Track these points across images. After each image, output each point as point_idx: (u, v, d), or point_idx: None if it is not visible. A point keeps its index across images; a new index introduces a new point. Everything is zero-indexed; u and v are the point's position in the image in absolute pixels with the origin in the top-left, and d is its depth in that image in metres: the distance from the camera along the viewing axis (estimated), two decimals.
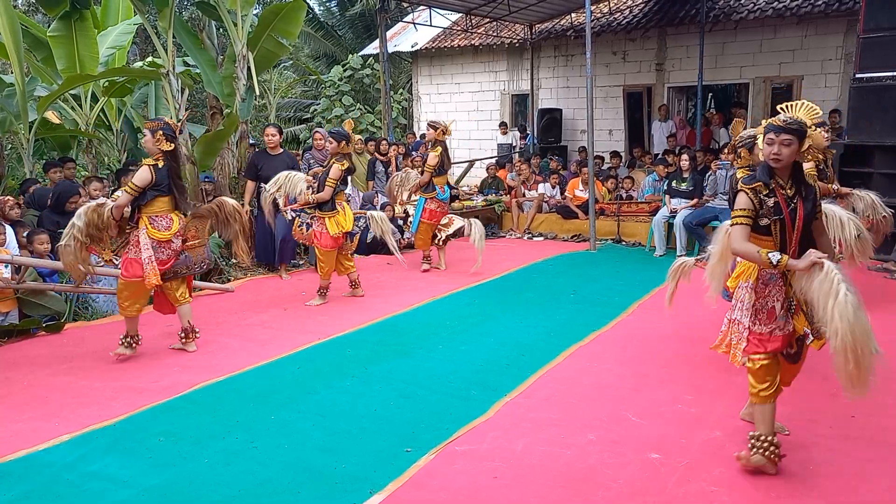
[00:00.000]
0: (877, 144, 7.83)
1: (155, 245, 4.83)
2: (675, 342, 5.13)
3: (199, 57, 8.32)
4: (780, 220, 3.07)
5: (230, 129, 7.83)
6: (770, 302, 3.18)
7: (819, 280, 2.87)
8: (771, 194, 3.08)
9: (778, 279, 3.15)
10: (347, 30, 22.42)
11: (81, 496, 3.16)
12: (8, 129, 8.24)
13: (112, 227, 4.90)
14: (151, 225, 4.84)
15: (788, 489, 3.11)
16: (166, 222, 4.89)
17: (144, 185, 4.76)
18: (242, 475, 3.31)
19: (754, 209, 3.08)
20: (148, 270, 4.79)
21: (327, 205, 6.24)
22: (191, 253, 5.07)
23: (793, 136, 3.01)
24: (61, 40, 8.07)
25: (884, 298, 6.26)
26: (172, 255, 4.93)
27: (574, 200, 10.30)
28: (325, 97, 18.13)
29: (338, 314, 6.09)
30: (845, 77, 10.89)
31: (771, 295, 3.17)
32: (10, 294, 5.59)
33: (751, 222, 3.09)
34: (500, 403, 4.07)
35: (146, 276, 4.80)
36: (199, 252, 5.14)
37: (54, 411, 4.10)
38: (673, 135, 11.95)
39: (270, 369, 4.75)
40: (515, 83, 14.72)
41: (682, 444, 3.52)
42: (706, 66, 11.67)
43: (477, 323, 5.76)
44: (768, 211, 3.07)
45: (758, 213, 3.08)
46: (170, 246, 4.89)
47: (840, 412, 3.84)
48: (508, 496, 3.09)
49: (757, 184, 3.11)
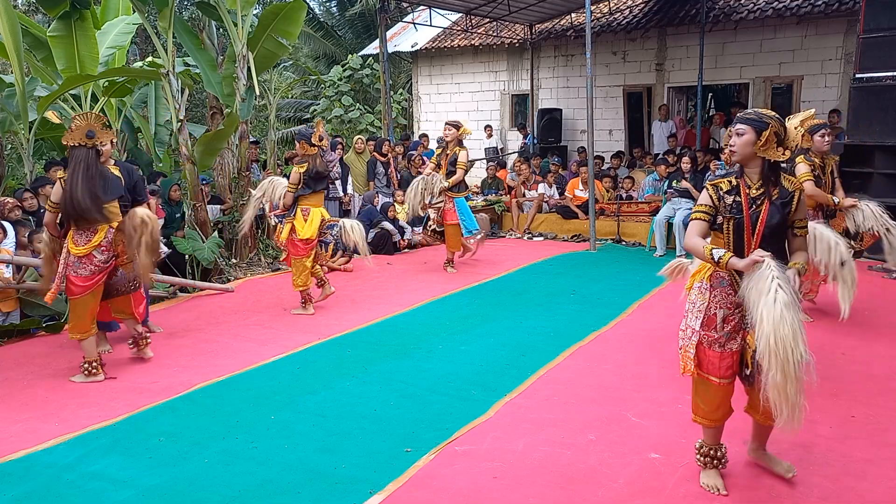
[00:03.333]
0: (877, 144, 7.83)
1: (75, 260, 4.49)
2: (675, 342, 5.08)
3: (199, 57, 8.32)
4: (735, 220, 2.90)
5: (230, 129, 7.83)
6: (713, 308, 2.99)
7: (756, 277, 2.73)
8: (733, 192, 2.93)
9: (727, 285, 2.96)
10: (347, 30, 22.42)
11: (81, 496, 3.16)
12: (8, 129, 8.23)
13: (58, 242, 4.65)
14: (72, 239, 4.51)
15: (788, 489, 3.11)
16: (87, 236, 4.50)
17: (59, 201, 4.46)
18: (242, 475, 3.31)
19: (713, 206, 2.94)
20: (54, 285, 4.54)
21: (290, 209, 6.07)
22: (124, 270, 4.71)
23: (746, 126, 2.88)
24: (61, 40, 8.06)
25: (884, 299, 6.27)
26: (98, 271, 4.54)
27: (574, 200, 10.30)
28: (324, 97, 18.12)
29: (338, 314, 6.09)
30: (845, 77, 10.89)
31: (714, 300, 2.99)
32: (12, 294, 5.59)
33: (707, 218, 2.95)
34: (500, 404, 4.07)
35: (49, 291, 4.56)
36: (129, 269, 4.72)
37: (54, 411, 4.10)
38: (673, 135, 11.95)
39: (270, 369, 4.75)
40: (515, 83, 14.72)
41: (682, 444, 3.52)
42: (706, 66, 11.68)
43: (477, 323, 5.76)
44: (725, 208, 2.92)
45: (717, 211, 2.95)
46: (91, 261, 4.50)
47: (840, 412, 3.84)
48: (508, 496, 3.09)
49: (720, 180, 2.99)
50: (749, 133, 2.88)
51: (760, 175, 2.92)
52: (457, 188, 7.59)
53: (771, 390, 2.69)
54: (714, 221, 2.97)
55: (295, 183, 5.98)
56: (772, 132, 2.85)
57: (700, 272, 3.09)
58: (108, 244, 4.59)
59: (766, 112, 2.93)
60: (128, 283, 4.76)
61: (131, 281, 4.77)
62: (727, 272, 2.93)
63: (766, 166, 2.91)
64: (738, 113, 3.59)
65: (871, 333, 5.25)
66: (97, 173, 4.45)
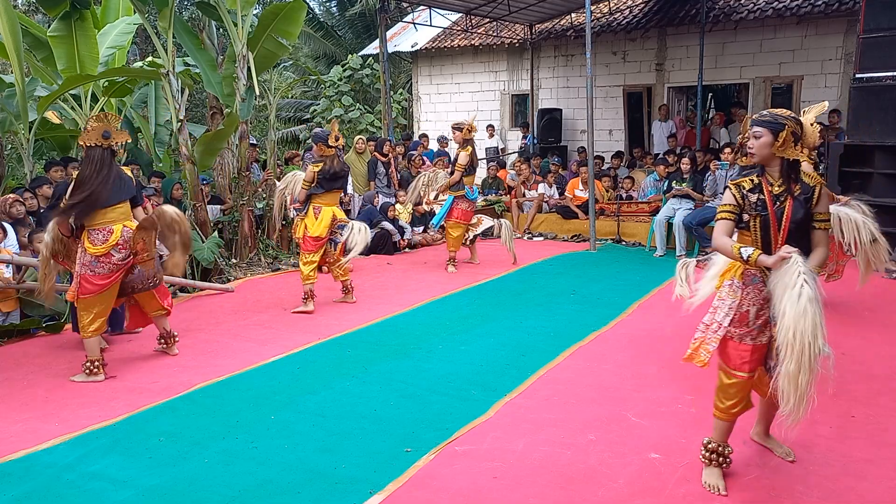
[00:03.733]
0: (877, 144, 7.82)
1: (91, 260, 4.52)
2: (675, 342, 5.11)
3: (199, 57, 8.32)
4: (761, 217, 2.97)
5: (230, 129, 7.83)
6: (746, 305, 3.05)
7: (781, 273, 2.80)
8: (756, 190, 3.00)
9: (759, 282, 3.02)
10: (347, 30, 22.42)
11: (81, 496, 3.16)
12: (8, 129, 8.23)
13: (70, 241, 4.70)
14: (88, 239, 4.54)
15: (788, 489, 3.11)
16: (104, 235, 4.54)
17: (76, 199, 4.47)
18: (242, 475, 3.31)
19: (738, 205, 3.02)
20: (72, 286, 4.59)
21: (303, 206, 6.22)
22: (143, 267, 4.73)
23: (762, 129, 2.95)
24: (61, 40, 8.06)
25: (884, 299, 6.26)
26: (116, 269, 4.58)
27: (574, 200, 10.30)
28: (324, 97, 18.12)
29: (338, 314, 6.09)
30: (845, 77, 10.90)
31: (747, 298, 3.05)
32: (13, 294, 5.59)
33: (733, 217, 3.03)
34: (500, 404, 4.07)
35: (70, 289, 4.61)
36: (150, 266, 4.76)
37: (54, 411, 4.10)
38: (673, 135, 11.95)
39: (270, 369, 4.75)
40: (515, 83, 14.71)
41: (682, 444, 3.52)
42: (706, 66, 11.68)
43: (477, 323, 5.76)
44: (750, 206, 2.99)
45: (742, 210, 3.03)
46: (109, 259, 4.54)
47: (840, 412, 3.84)
48: (508, 496, 3.09)
49: (742, 179, 3.06)
50: (766, 135, 2.95)
51: (781, 173, 2.99)
52: (457, 187, 7.71)
53: (782, 379, 2.75)
54: (740, 220, 3.05)
55: (309, 181, 6.11)
56: (788, 132, 2.92)
57: (730, 270, 3.16)
58: (125, 242, 4.63)
59: (782, 112, 2.99)
60: (146, 280, 4.81)
61: (150, 278, 4.83)
62: (757, 269, 3.00)
63: (786, 165, 2.98)
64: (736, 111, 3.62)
65: (872, 333, 5.25)
66: (113, 173, 4.57)
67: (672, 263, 4.27)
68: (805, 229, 3.00)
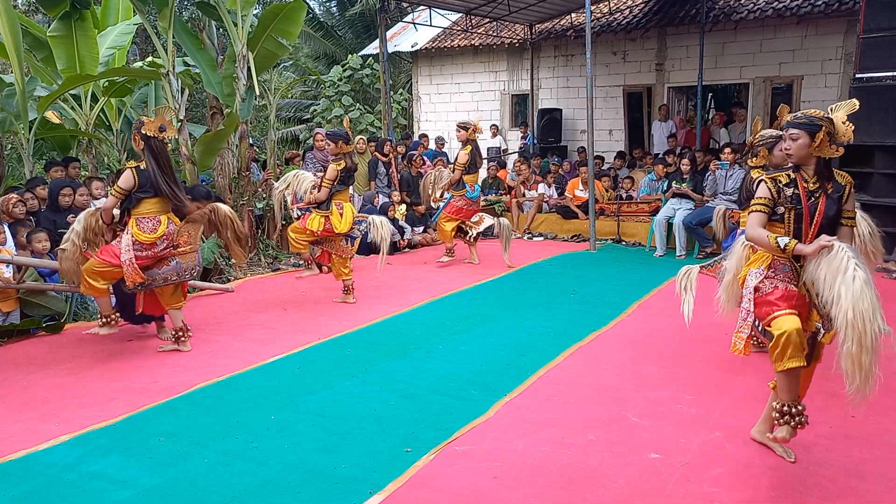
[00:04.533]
0: (877, 144, 7.83)
1: (139, 245, 4.80)
2: (675, 342, 5.13)
3: (199, 57, 8.32)
4: (795, 210, 3.08)
5: (230, 129, 7.84)
6: (776, 282, 3.12)
7: (828, 259, 2.87)
8: (791, 185, 3.11)
9: (788, 270, 3.12)
10: (347, 30, 22.42)
11: (81, 496, 3.16)
12: (8, 129, 8.23)
13: (106, 230, 4.98)
14: (137, 226, 4.82)
15: (788, 489, 3.11)
16: (153, 224, 4.86)
17: (128, 188, 4.80)
18: (242, 475, 3.31)
19: (772, 198, 3.13)
20: (128, 272, 4.78)
21: (323, 204, 6.25)
22: (182, 259, 5.01)
23: (799, 131, 3.06)
24: (61, 40, 8.07)
25: (884, 299, 6.26)
26: (150, 258, 4.86)
27: (574, 200, 10.30)
28: (324, 97, 18.12)
29: (338, 314, 6.09)
30: (845, 77, 10.89)
31: (778, 278, 3.13)
32: (12, 294, 5.59)
33: (767, 210, 3.14)
34: (500, 404, 4.07)
35: (126, 277, 4.80)
36: (191, 258, 5.06)
37: (54, 411, 4.10)
38: (673, 135, 11.95)
39: (270, 369, 4.75)
40: (515, 83, 14.71)
41: (682, 444, 3.52)
42: (706, 66, 11.68)
43: (477, 323, 5.76)
44: (785, 200, 3.10)
45: (776, 203, 3.13)
46: (152, 248, 4.84)
47: (840, 412, 3.83)
48: (508, 496, 3.09)
49: (778, 174, 3.16)
50: (803, 137, 3.06)
51: (815, 171, 3.10)
52: (457, 186, 7.80)
53: (845, 360, 2.80)
54: (773, 213, 3.14)
55: (332, 179, 6.15)
56: (824, 133, 3.02)
57: (756, 261, 3.23)
58: (169, 235, 4.91)
59: (817, 114, 3.09)
60: (183, 272, 5.05)
61: (188, 270, 5.09)
62: (788, 260, 3.09)
63: (821, 163, 3.09)
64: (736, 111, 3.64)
65: None
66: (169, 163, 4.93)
67: (672, 263, 4.28)
68: (833, 225, 3.11)
